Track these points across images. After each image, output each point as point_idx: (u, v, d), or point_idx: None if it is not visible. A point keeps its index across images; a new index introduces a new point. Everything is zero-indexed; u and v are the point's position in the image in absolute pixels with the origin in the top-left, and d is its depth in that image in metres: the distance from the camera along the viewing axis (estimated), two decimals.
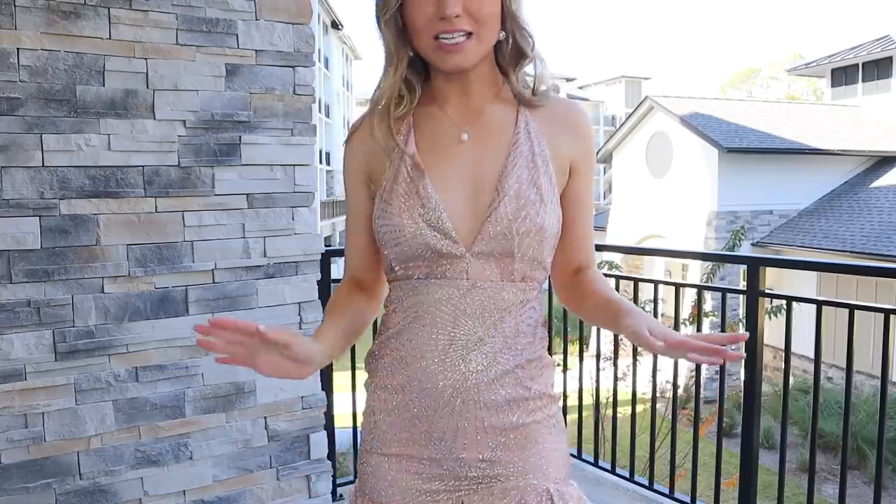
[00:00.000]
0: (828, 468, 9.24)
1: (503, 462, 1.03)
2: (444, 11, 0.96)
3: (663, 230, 15.77)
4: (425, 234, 1.00)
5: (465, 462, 1.03)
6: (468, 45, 0.98)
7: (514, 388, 1.03)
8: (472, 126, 1.05)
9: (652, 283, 2.95)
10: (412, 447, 1.05)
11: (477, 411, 1.02)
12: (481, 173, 1.02)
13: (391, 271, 1.07)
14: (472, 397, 1.01)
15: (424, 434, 1.04)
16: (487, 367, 1.01)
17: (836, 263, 4.72)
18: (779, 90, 52.00)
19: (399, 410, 1.06)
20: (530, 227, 1.00)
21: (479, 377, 1.01)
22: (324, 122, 29.53)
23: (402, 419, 1.05)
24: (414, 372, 1.03)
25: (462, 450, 1.03)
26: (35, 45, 1.93)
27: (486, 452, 1.03)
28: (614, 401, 3.13)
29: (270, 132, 2.27)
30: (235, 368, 2.26)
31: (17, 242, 1.95)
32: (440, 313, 1.01)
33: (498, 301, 1.02)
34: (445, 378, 1.01)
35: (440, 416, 1.02)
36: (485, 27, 0.99)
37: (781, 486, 2.54)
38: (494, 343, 1.01)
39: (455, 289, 1.01)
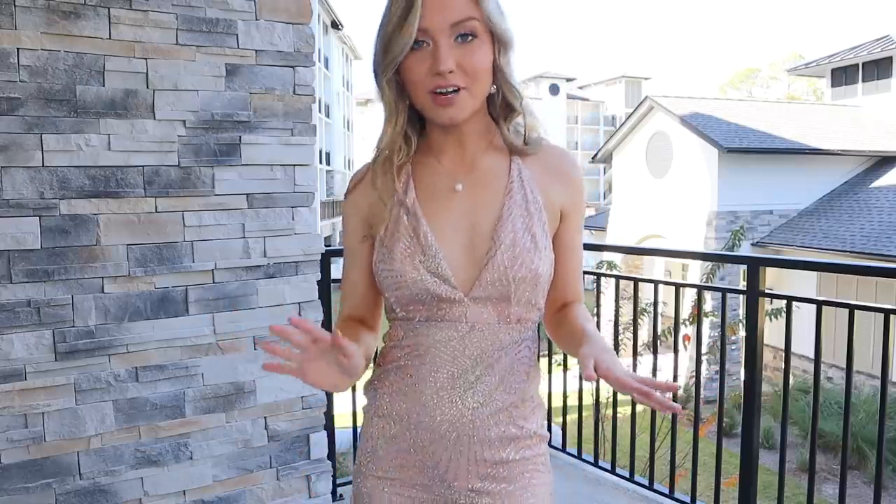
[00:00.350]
0: (828, 468, 9.24)
1: (491, 493, 1.09)
2: (437, 68, 1.01)
3: (663, 230, 15.77)
4: (426, 279, 1.05)
5: (455, 489, 1.09)
6: (461, 98, 1.04)
7: (507, 426, 1.08)
8: (467, 176, 1.10)
9: (652, 283, 2.95)
10: (406, 473, 1.11)
11: (471, 445, 1.07)
12: (477, 221, 1.07)
13: (391, 311, 1.12)
14: (467, 432, 1.07)
15: (419, 462, 1.10)
16: (483, 404, 1.06)
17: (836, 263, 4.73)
18: (779, 90, 51.99)
19: (396, 439, 1.11)
20: (525, 273, 1.05)
21: (475, 413, 1.06)
22: (324, 122, 29.51)
23: (399, 447, 1.11)
24: (413, 405, 1.09)
25: (454, 479, 1.08)
26: (35, 45, 1.93)
27: (476, 483, 1.08)
28: (614, 401, 3.13)
29: (270, 132, 2.27)
30: (235, 368, 2.26)
31: (17, 242, 1.95)
32: (440, 353, 1.07)
33: (495, 342, 1.07)
34: (443, 413, 1.07)
35: (435, 448, 1.08)
36: (476, 82, 1.04)
37: (781, 486, 2.55)
38: (491, 381, 1.07)
39: (454, 331, 1.06)
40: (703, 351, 6.73)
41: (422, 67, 1.03)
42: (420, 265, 1.05)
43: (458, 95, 1.03)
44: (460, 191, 1.10)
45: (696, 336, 3.03)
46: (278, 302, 2.33)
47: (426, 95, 1.04)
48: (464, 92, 1.04)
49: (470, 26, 1.03)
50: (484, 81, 1.06)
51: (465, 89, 1.04)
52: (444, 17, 1.02)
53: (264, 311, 2.30)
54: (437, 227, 1.07)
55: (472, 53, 1.03)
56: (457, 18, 1.02)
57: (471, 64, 1.03)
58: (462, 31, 1.03)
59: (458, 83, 1.03)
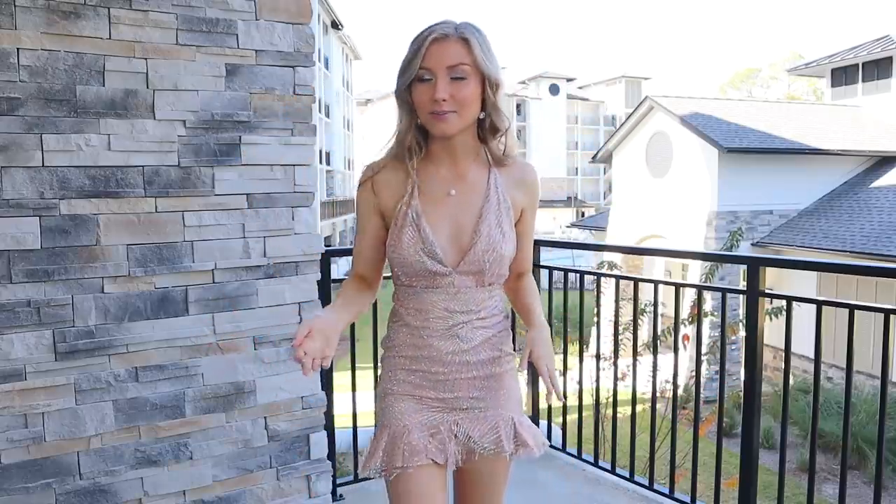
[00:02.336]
0: (828, 468, 9.24)
1: (484, 399, 1.55)
2: (435, 96, 1.41)
3: (663, 230, 15.76)
4: (424, 261, 1.48)
5: (459, 398, 1.54)
6: (451, 118, 1.44)
7: (491, 350, 1.55)
8: (458, 184, 1.52)
9: (652, 283, 2.95)
10: (422, 390, 1.54)
11: (469, 366, 1.53)
12: (463, 220, 1.51)
13: (398, 279, 1.55)
14: (464, 358, 1.52)
15: (431, 382, 1.54)
16: (473, 338, 1.53)
17: (836, 263, 4.73)
18: (779, 90, 51.99)
19: (412, 369, 1.55)
20: (496, 256, 1.50)
21: (468, 344, 1.52)
22: (324, 122, 29.51)
23: (415, 374, 1.54)
24: (423, 345, 1.53)
25: (458, 391, 1.54)
26: (35, 45, 1.93)
27: (474, 392, 1.54)
28: (614, 401, 3.13)
29: (270, 132, 2.27)
30: (235, 368, 2.26)
31: (17, 242, 1.95)
32: (437, 309, 1.52)
33: (475, 299, 1.53)
34: (446, 347, 1.52)
35: (443, 371, 1.53)
36: (464, 109, 1.44)
37: (781, 486, 2.55)
38: (475, 324, 1.53)
39: (445, 293, 1.51)
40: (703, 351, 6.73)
41: (425, 95, 1.43)
42: (420, 251, 1.47)
43: (449, 116, 1.43)
44: (453, 195, 1.51)
45: (696, 336, 3.03)
46: (278, 302, 2.33)
47: (427, 115, 1.44)
48: (453, 115, 1.43)
49: (461, 69, 1.42)
50: (470, 109, 1.44)
51: (455, 113, 1.43)
52: (442, 61, 1.41)
53: (264, 311, 2.30)
54: (434, 224, 1.49)
55: (462, 89, 1.42)
56: (451, 63, 1.42)
57: (460, 96, 1.42)
58: (455, 73, 1.42)
59: (450, 109, 1.42)
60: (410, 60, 1.43)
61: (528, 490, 2.96)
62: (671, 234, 15.51)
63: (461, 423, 1.54)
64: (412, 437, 1.51)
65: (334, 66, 32.31)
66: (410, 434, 1.51)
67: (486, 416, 1.55)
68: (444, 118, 1.42)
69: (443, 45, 1.42)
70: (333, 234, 29.84)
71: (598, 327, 3.32)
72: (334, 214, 30.17)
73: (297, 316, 2.36)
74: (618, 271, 7.71)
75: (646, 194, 16.49)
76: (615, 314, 3.54)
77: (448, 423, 1.53)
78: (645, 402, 5.85)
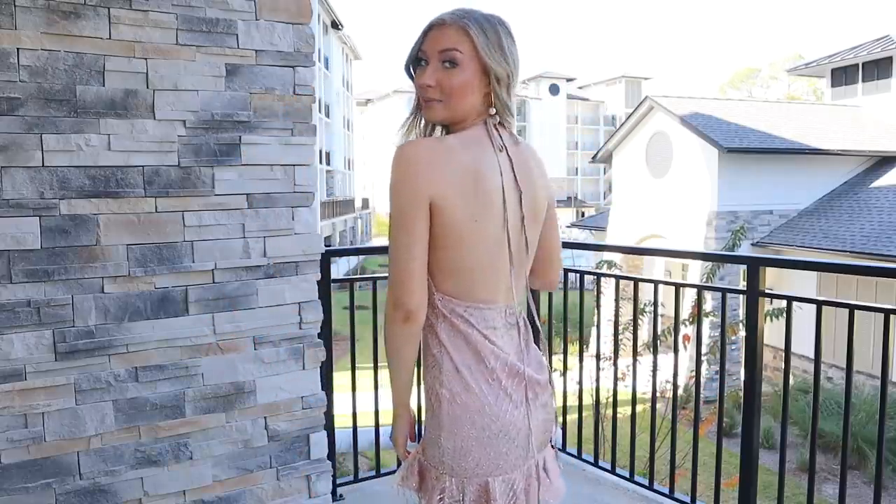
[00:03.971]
0: (828, 468, 9.24)
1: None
2: (419, 81, 1.41)
3: (663, 230, 15.76)
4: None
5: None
6: (436, 106, 1.41)
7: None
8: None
9: (652, 283, 2.95)
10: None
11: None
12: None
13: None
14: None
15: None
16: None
17: (836, 263, 4.72)
18: (779, 90, 52.00)
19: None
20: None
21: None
22: (324, 122, 29.51)
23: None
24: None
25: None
26: (35, 45, 1.93)
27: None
28: (614, 401, 3.13)
29: (270, 132, 2.27)
30: (235, 368, 2.26)
31: (17, 242, 1.95)
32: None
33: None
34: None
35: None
36: (451, 98, 1.40)
37: (781, 486, 2.55)
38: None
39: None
40: (703, 351, 6.72)
41: (418, 79, 1.42)
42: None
43: (434, 104, 1.41)
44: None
45: (696, 336, 3.03)
46: (278, 302, 2.33)
47: (421, 99, 1.43)
48: (438, 103, 1.40)
49: (451, 55, 1.38)
50: (459, 99, 1.39)
51: (441, 102, 1.40)
52: (436, 45, 1.39)
53: (264, 311, 2.30)
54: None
55: (450, 77, 1.38)
56: (443, 47, 1.38)
57: (447, 84, 1.39)
58: (446, 58, 1.38)
59: (434, 97, 1.40)
60: (414, 44, 1.43)
61: None
62: (671, 234, 15.51)
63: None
64: None
65: (334, 66, 32.30)
66: None
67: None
68: (429, 105, 1.40)
69: (440, 30, 1.39)
70: (333, 234, 29.82)
71: (598, 327, 3.32)
72: (334, 214, 30.16)
73: (297, 316, 2.36)
74: (617, 271, 7.71)
75: (646, 194, 16.48)
76: (615, 314, 3.53)
77: None
78: (645, 402, 5.85)
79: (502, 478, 1.40)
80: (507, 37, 1.42)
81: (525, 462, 1.43)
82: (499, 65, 1.39)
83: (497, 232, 1.39)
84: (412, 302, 1.35)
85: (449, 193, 1.34)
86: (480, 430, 1.38)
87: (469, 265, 1.40)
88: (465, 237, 1.37)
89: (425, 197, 1.33)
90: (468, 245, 1.38)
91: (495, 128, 1.43)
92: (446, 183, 1.34)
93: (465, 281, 1.40)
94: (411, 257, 1.35)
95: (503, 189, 1.39)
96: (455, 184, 1.35)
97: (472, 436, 1.38)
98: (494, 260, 1.41)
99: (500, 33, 1.41)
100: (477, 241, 1.38)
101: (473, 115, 1.42)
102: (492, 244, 1.40)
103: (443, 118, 1.42)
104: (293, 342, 2.36)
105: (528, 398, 1.43)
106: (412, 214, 1.34)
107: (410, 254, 1.35)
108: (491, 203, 1.38)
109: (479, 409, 1.38)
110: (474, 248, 1.38)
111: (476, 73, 1.39)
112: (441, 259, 1.38)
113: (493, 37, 1.40)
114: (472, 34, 1.38)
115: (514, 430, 1.40)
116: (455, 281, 1.40)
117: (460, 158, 1.37)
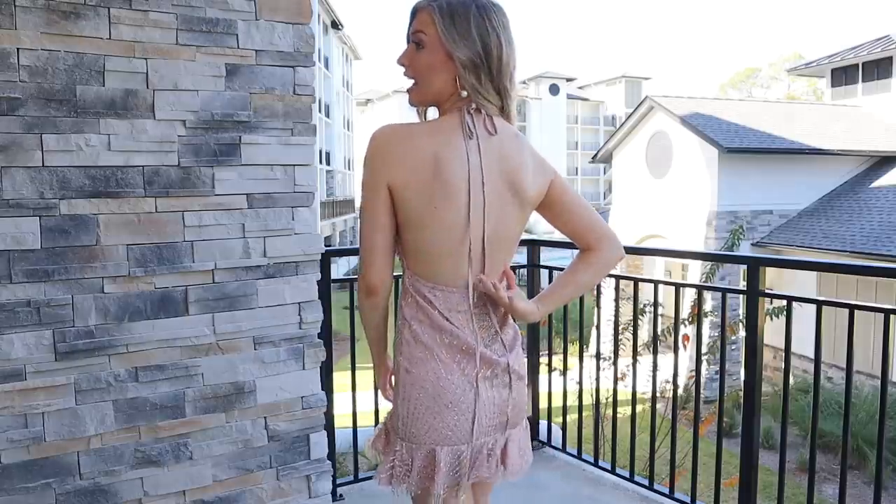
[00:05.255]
0: (828, 468, 9.24)
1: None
2: (398, 60, 1.46)
3: (663, 230, 15.76)
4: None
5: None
6: (412, 87, 1.47)
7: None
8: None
9: (652, 283, 2.95)
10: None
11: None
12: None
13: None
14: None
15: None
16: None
17: (836, 263, 4.71)
18: (779, 90, 52.01)
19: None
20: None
21: None
22: (324, 122, 29.51)
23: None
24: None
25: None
26: (35, 45, 1.93)
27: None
28: (614, 401, 3.13)
29: (270, 132, 2.27)
30: (235, 368, 2.26)
31: (17, 242, 1.95)
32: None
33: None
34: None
35: None
36: (421, 80, 1.45)
37: (781, 486, 2.55)
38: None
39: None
40: (703, 351, 6.72)
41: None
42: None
43: (412, 86, 1.46)
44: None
45: (696, 336, 3.03)
46: (278, 302, 2.33)
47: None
48: (414, 86, 1.46)
49: (418, 37, 1.43)
50: (426, 80, 1.43)
51: (416, 84, 1.46)
52: (412, 27, 1.44)
53: (264, 311, 2.30)
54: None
55: (417, 59, 1.43)
56: (414, 30, 1.43)
57: (415, 66, 1.44)
58: (415, 39, 1.43)
59: (408, 76, 1.46)
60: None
61: (528, 490, 2.96)
62: (671, 234, 15.51)
63: None
64: None
65: (334, 66, 32.30)
66: None
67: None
68: (410, 89, 1.47)
69: (417, 13, 1.45)
70: (333, 234, 29.81)
71: (597, 327, 3.32)
72: (334, 214, 30.15)
73: (297, 316, 2.36)
74: (617, 271, 7.70)
75: (646, 194, 16.49)
76: (615, 314, 3.54)
77: None
78: (645, 402, 5.85)
79: (449, 448, 1.45)
80: (479, 20, 1.39)
81: (474, 437, 1.47)
82: (460, 49, 1.39)
83: (458, 219, 1.40)
84: (372, 278, 1.46)
85: (407, 179, 1.39)
86: (431, 399, 1.44)
87: (431, 249, 1.44)
88: (426, 222, 1.41)
89: (383, 181, 1.40)
90: (430, 230, 1.42)
91: (470, 114, 1.43)
92: (405, 168, 1.39)
93: (429, 263, 1.46)
94: (372, 237, 1.44)
95: (469, 177, 1.39)
96: (414, 169, 1.38)
97: (423, 404, 1.45)
98: (457, 246, 1.43)
99: (471, 17, 1.39)
100: (438, 227, 1.41)
101: (446, 96, 1.44)
102: (454, 230, 1.41)
103: (418, 100, 1.47)
104: (293, 342, 2.36)
105: (479, 377, 1.46)
106: (371, 197, 1.42)
107: (372, 234, 1.44)
108: (452, 190, 1.39)
109: (431, 381, 1.44)
110: (435, 233, 1.42)
111: (441, 55, 1.41)
112: (406, 241, 1.46)
113: (460, 20, 1.39)
114: (434, 17, 1.40)
115: (465, 405, 1.45)
116: (420, 262, 1.47)
117: (421, 145, 1.40)
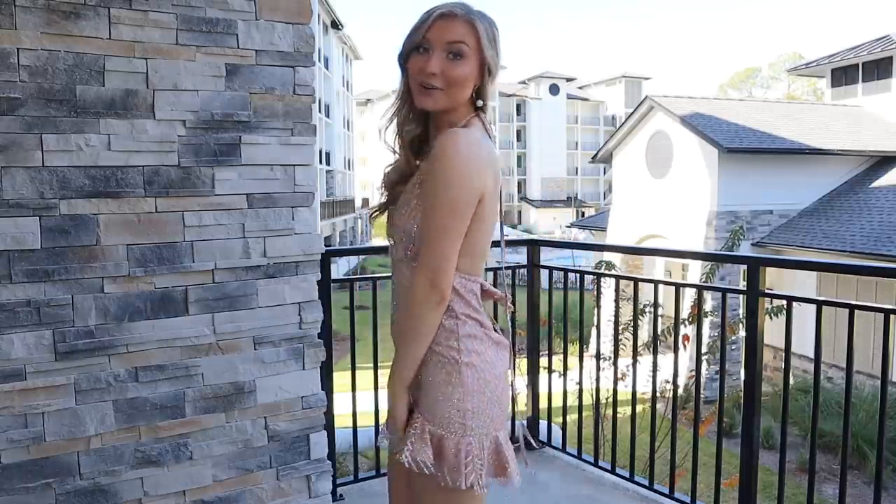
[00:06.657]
0: (828, 468, 9.24)
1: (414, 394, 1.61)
2: (427, 69, 1.45)
3: (663, 230, 15.76)
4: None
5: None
6: (437, 94, 1.47)
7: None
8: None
9: (652, 283, 2.95)
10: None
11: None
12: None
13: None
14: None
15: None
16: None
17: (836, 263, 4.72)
18: (779, 90, 52.04)
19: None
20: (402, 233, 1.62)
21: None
22: (324, 122, 29.51)
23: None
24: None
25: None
26: (35, 45, 1.93)
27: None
28: (614, 401, 3.13)
29: (270, 132, 2.27)
30: (235, 368, 2.26)
31: (17, 242, 1.95)
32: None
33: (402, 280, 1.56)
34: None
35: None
36: (452, 88, 1.46)
37: (781, 486, 2.55)
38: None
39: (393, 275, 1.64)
40: (703, 351, 6.72)
41: (418, 65, 1.46)
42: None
43: (436, 92, 1.46)
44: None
45: (696, 336, 3.03)
46: (278, 302, 2.33)
47: (416, 85, 1.47)
48: (440, 92, 1.46)
49: (459, 47, 1.45)
50: (459, 90, 1.47)
51: (442, 91, 1.46)
52: (443, 35, 1.45)
53: (264, 311, 2.30)
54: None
55: (456, 68, 1.45)
56: (452, 39, 1.45)
57: (452, 74, 1.45)
58: (453, 49, 1.45)
59: (437, 84, 1.45)
60: (416, 29, 1.47)
61: (528, 490, 2.96)
62: (671, 234, 15.51)
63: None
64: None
65: (334, 66, 32.30)
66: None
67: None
68: (430, 93, 1.46)
69: (448, 21, 1.46)
70: (333, 234, 29.82)
71: (597, 327, 3.32)
72: (334, 214, 30.15)
73: (297, 316, 2.36)
74: (618, 271, 7.71)
75: (646, 194, 16.48)
76: (615, 314, 3.54)
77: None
78: (645, 402, 5.84)
79: (503, 432, 1.55)
80: (498, 34, 1.53)
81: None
82: (493, 60, 1.50)
83: (497, 212, 1.55)
84: (448, 287, 1.46)
85: (492, 187, 1.47)
86: (493, 389, 1.51)
87: (485, 244, 1.54)
88: (491, 219, 1.51)
89: (478, 194, 1.43)
90: (487, 224, 1.51)
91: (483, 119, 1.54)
92: (491, 178, 1.46)
93: (476, 259, 1.53)
94: (454, 246, 1.44)
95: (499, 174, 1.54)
96: (495, 173, 1.48)
97: (486, 396, 1.50)
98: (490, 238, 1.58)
99: (496, 33, 1.52)
100: (492, 222, 1.53)
101: (464, 105, 1.52)
102: (495, 223, 1.56)
103: (442, 106, 1.48)
104: (293, 342, 2.36)
105: (510, 364, 1.60)
106: (465, 211, 1.43)
107: (454, 244, 1.44)
108: (499, 188, 1.52)
109: (490, 371, 1.51)
110: (489, 228, 1.53)
111: (476, 66, 1.48)
112: (466, 242, 1.48)
113: (492, 34, 1.50)
114: (478, 29, 1.46)
115: (508, 391, 1.58)
116: (468, 260, 1.50)
117: (495, 154, 1.50)
